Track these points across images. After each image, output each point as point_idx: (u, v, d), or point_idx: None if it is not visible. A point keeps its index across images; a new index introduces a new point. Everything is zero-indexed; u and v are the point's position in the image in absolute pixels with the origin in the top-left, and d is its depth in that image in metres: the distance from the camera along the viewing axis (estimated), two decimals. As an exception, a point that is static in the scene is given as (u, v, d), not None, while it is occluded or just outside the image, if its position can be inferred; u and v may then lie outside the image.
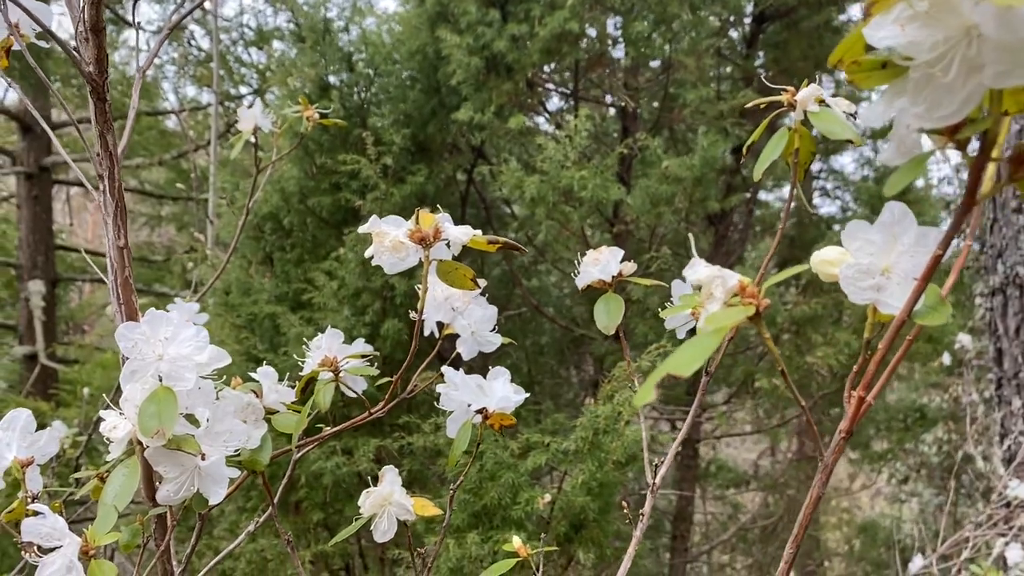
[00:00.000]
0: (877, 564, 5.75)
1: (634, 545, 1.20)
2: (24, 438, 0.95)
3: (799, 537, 0.61)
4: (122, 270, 1.03)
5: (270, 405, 1.10)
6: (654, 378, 0.54)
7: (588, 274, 1.24)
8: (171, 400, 0.92)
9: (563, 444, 2.26)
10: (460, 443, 1.07)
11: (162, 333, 0.95)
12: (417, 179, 2.99)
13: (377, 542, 1.09)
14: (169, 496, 0.95)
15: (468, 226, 1.00)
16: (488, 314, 1.29)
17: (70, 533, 0.84)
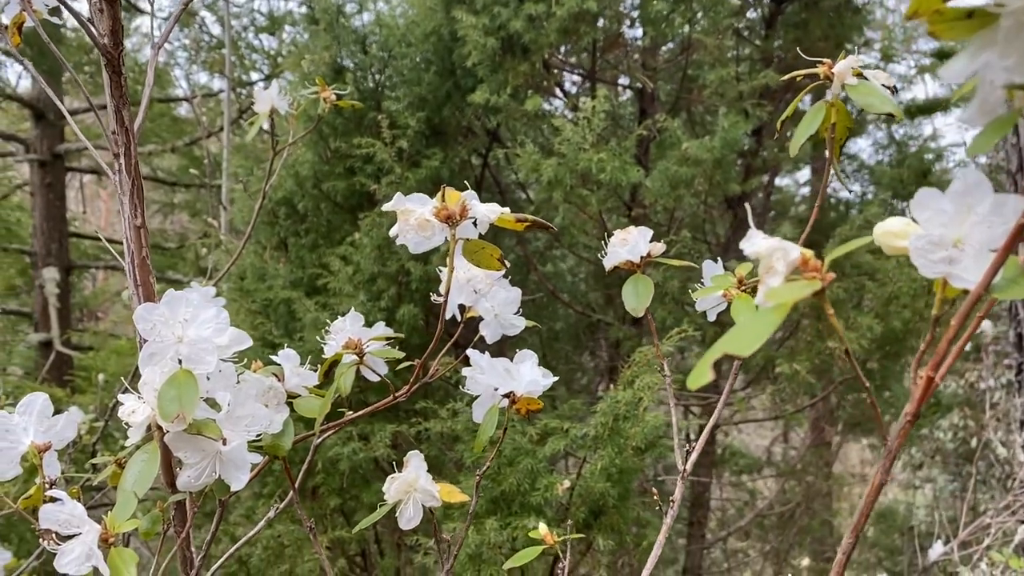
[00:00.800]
0: (890, 550, 5.71)
1: (664, 532, 1.17)
2: (41, 423, 0.93)
3: (858, 527, 0.58)
4: (139, 250, 1.01)
5: (292, 389, 1.08)
6: (711, 357, 0.51)
7: (616, 255, 1.21)
8: (191, 384, 0.89)
9: (582, 430, 2.23)
10: (487, 428, 1.04)
11: (181, 314, 0.92)
12: (432, 163, 2.96)
13: (403, 529, 1.06)
14: (190, 482, 0.92)
15: (495, 204, 0.96)
16: (512, 296, 1.26)
17: (89, 520, 0.81)
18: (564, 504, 2.33)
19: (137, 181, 0.95)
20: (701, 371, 0.49)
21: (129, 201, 0.95)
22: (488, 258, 0.99)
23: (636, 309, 1.15)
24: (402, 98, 3.02)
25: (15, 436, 0.90)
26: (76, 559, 0.82)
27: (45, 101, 6.54)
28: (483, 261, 0.99)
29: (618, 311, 3.57)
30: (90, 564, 0.81)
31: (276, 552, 2.76)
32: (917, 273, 2.66)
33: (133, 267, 1.15)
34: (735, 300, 1.11)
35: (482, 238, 1.00)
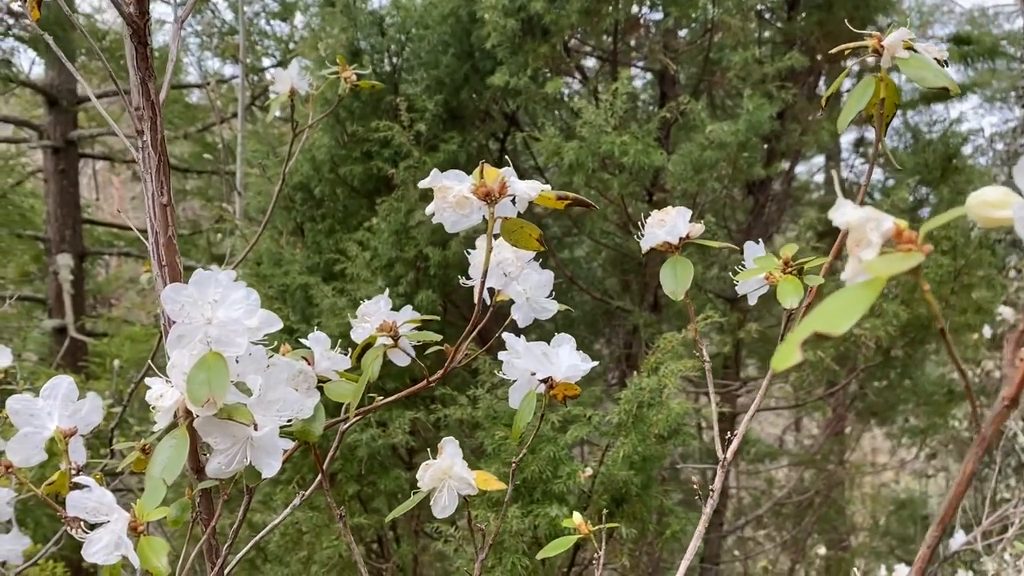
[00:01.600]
0: (903, 539, 5.67)
1: (704, 522, 1.14)
2: (66, 407, 0.90)
3: (946, 519, 0.54)
4: (165, 229, 0.97)
5: (321, 373, 1.05)
6: (800, 336, 0.47)
7: (653, 236, 1.17)
8: (222, 367, 0.86)
9: (606, 417, 2.20)
10: (524, 414, 1.00)
11: (210, 295, 0.89)
12: (450, 147, 2.92)
13: (437, 517, 1.03)
14: (220, 469, 0.89)
15: (535, 181, 0.93)
16: (544, 279, 1.22)
17: (118, 508, 0.78)
18: (586, 492, 2.29)
19: (163, 157, 0.92)
20: (788, 351, 0.46)
21: (155, 178, 0.92)
22: (527, 238, 0.95)
23: (675, 292, 1.11)
24: (420, 81, 2.98)
25: (40, 421, 0.88)
26: (104, 548, 0.79)
27: (58, 87, 6.52)
28: (521, 241, 0.95)
29: (634, 297, 3.53)
30: (119, 553, 0.79)
31: (294, 539, 2.74)
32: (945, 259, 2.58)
33: (158, 247, 1.11)
34: (781, 282, 1.07)
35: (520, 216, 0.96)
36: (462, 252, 2.85)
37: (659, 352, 2.14)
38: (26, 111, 7.89)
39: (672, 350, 2.11)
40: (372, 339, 0.97)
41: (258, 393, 0.89)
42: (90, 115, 7.57)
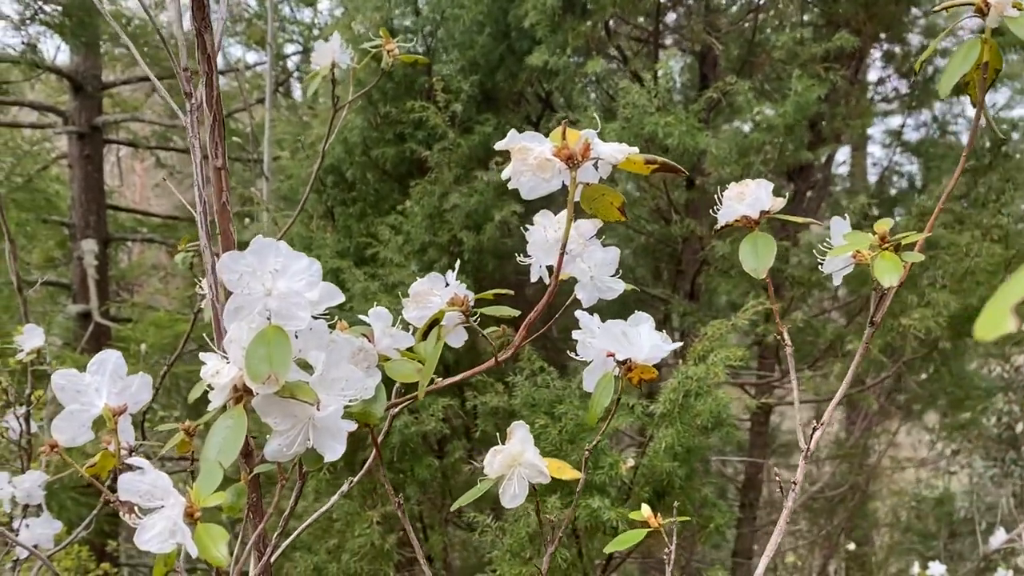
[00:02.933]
0: (924, 535, 5.57)
1: (784, 518, 1.06)
2: (115, 383, 0.84)
3: None
4: (219, 195, 0.91)
5: (382, 351, 0.98)
6: (1011, 298, 0.40)
7: (732, 210, 1.09)
8: (283, 341, 0.80)
9: (650, 406, 2.13)
10: (601, 398, 0.93)
11: (271, 264, 0.82)
12: (485, 129, 2.85)
13: (505, 507, 0.97)
14: (281, 451, 0.83)
15: (622, 143, 0.85)
16: (610, 257, 1.15)
17: (175, 492, 0.72)
18: (627, 484, 2.23)
19: (219, 115, 0.85)
20: (997, 316, 0.38)
21: (210, 139, 0.85)
22: (608, 206, 0.88)
23: (757, 270, 1.04)
24: (454, 62, 2.91)
25: (87, 398, 0.82)
26: (159, 535, 0.73)
27: (83, 73, 6.50)
28: (602, 209, 0.88)
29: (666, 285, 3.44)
30: (174, 541, 0.73)
31: (324, 526, 2.70)
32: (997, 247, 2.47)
33: (206, 217, 1.05)
34: (879, 258, 0.99)
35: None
36: (497, 237, 2.78)
37: (706, 340, 2.06)
38: (51, 97, 7.89)
39: (720, 338, 2.03)
40: (440, 315, 0.90)
41: (320, 371, 0.82)
42: (115, 101, 7.55)
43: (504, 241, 2.82)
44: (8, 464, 2.40)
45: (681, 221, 2.68)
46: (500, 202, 2.75)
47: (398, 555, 2.77)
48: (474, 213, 2.72)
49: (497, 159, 2.69)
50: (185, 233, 7.40)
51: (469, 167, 2.84)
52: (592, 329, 0.94)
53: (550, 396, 2.21)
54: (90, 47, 6.41)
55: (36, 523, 1.90)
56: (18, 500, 1.80)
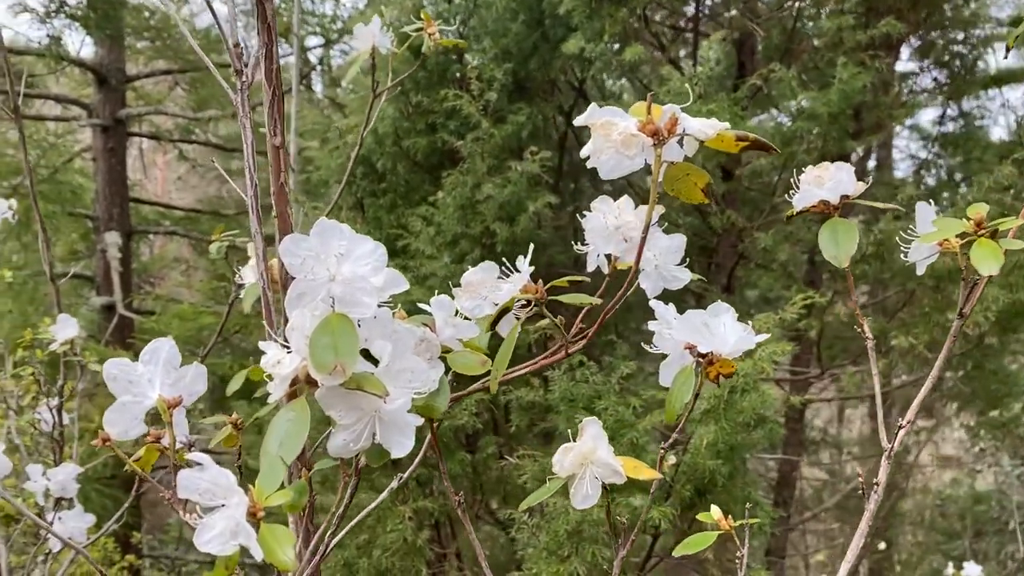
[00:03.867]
0: (948, 534, 5.48)
1: (867, 519, 1.00)
2: (168, 373, 0.79)
3: None
4: (276, 175, 0.86)
5: (444, 342, 0.93)
6: None
7: (809, 195, 1.03)
8: (349, 330, 0.74)
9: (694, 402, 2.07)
10: (680, 393, 0.87)
11: (334, 248, 0.77)
12: (518, 118, 2.79)
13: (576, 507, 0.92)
14: (346, 447, 0.78)
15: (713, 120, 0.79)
16: (675, 244, 1.09)
17: (239, 490, 0.67)
18: (668, 481, 2.17)
19: (277, 90, 0.80)
20: None
21: (269, 115, 0.80)
22: (692, 187, 0.82)
23: (838, 258, 0.98)
24: (487, 50, 2.85)
25: (140, 389, 0.77)
26: (219, 535, 0.68)
27: (107, 66, 6.50)
28: (685, 190, 0.83)
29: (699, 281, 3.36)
30: (235, 543, 0.68)
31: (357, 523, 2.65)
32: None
33: (256, 201, 1.01)
34: (977, 246, 0.93)
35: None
36: (531, 228, 2.72)
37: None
38: (75, 90, 7.90)
39: (769, 331, 1.97)
40: (509, 304, 0.85)
41: (386, 362, 0.77)
42: (138, 94, 7.55)
43: (538, 232, 2.76)
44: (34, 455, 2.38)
45: (721, 213, 2.61)
46: (534, 193, 2.69)
47: (429, 550, 2.73)
48: (507, 204, 2.66)
49: (532, 148, 2.63)
50: (208, 225, 7.40)
51: (502, 157, 2.78)
52: (669, 320, 0.88)
53: (589, 391, 2.15)
54: (114, 40, 6.41)
55: (69, 516, 1.87)
56: (52, 493, 1.77)
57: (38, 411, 1.98)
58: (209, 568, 2.35)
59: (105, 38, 6.20)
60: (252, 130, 0.99)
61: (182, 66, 6.85)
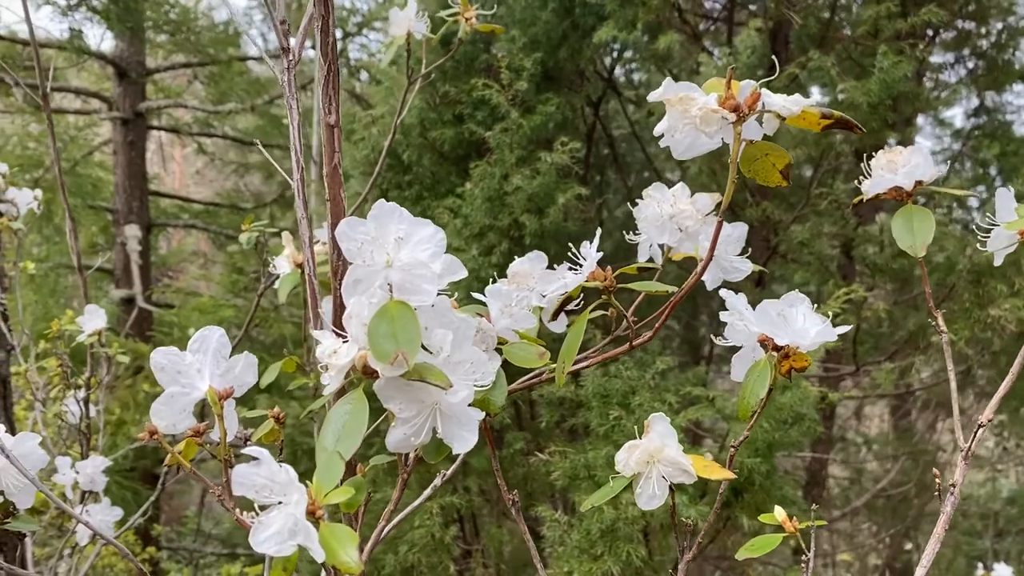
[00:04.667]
0: (969, 534, 5.39)
1: (943, 523, 0.95)
2: (218, 363, 0.75)
3: None
4: (330, 156, 0.82)
5: (499, 333, 0.89)
6: None
7: (882, 181, 0.98)
8: (409, 317, 0.70)
9: (731, 399, 2.02)
10: (755, 388, 0.82)
11: (393, 232, 0.73)
12: (547, 108, 2.74)
13: (642, 508, 0.87)
14: (406, 441, 0.74)
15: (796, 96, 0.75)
16: (737, 233, 1.04)
17: (299, 486, 0.63)
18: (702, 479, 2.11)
19: (334, 65, 0.76)
20: None
21: (324, 92, 0.76)
22: (770, 169, 0.77)
23: (915, 247, 0.93)
24: (516, 39, 2.80)
25: (188, 379, 0.73)
26: (276, 535, 0.64)
27: (128, 59, 6.50)
28: (762, 172, 0.78)
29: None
30: (294, 543, 0.64)
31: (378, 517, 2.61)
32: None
33: (302, 185, 0.97)
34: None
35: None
36: (560, 221, 2.67)
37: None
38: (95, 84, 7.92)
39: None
40: (575, 293, 0.80)
41: (447, 352, 0.73)
42: (158, 87, 7.56)
43: (565, 225, 2.72)
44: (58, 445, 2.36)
45: (757, 205, 2.55)
46: (563, 185, 2.64)
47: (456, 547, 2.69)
48: (536, 196, 2.62)
49: (563, 139, 2.58)
50: (226, 219, 7.40)
51: (530, 148, 2.73)
52: (741, 311, 0.84)
53: (623, 387, 2.10)
54: (135, 33, 6.40)
55: (96, 510, 1.85)
56: (81, 486, 1.74)
57: (65, 403, 1.95)
58: (228, 561, 2.34)
59: (126, 31, 6.19)
60: (299, 111, 0.95)
61: (201, 60, 6.84)
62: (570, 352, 0.73)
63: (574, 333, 0.73)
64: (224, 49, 6.73)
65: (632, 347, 0.81)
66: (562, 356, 0.74)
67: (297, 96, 0.95)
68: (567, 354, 0.73)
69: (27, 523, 0.99)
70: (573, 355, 0.73)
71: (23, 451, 0.91)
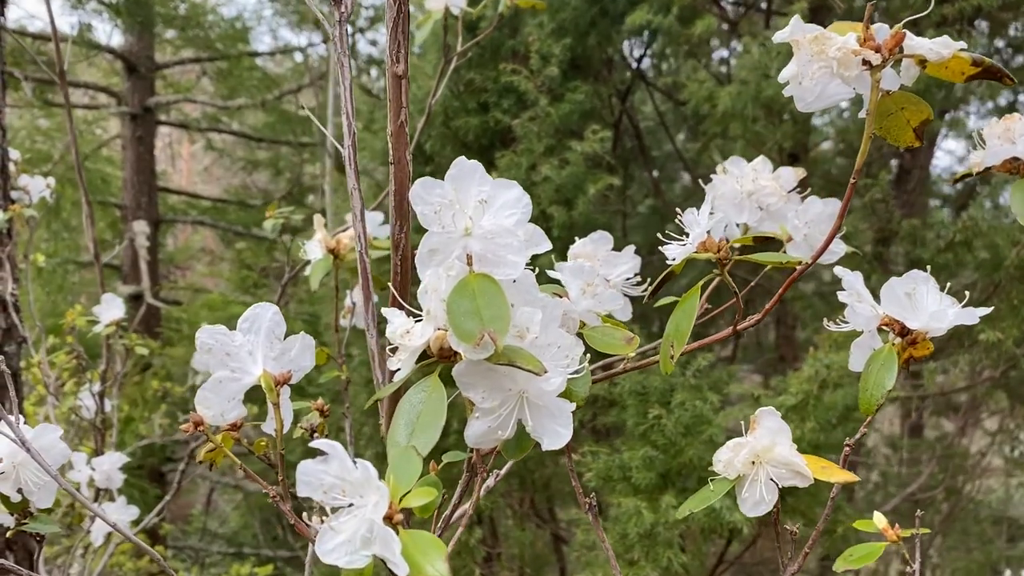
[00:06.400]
0: (981, 539, 5.28)
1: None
2: (271, 345, 0.65)
3: None
4: (396, 112, 0.73)
5: (580, 315, 0.80)
6: None
7: (998, 151, 0.88)
8: (495, 292, 0.60)
9: (778, 398, 1.92)
10: (879, 379, 0.72)
11: (474, 195, 0.64)
12: (576, 96, 2.64)
13: (747, 515, 0.77)
14: (489, 435, 0.64)
15: (945, 37, 0.65)
16: (828, 211, 0.95)
17: (380, 485, 0.54)
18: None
19: (404, 7, 0.66)
20: None
21: (392, 38, 0.67)
22: (903, 126, 0.68)
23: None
24: (544, 25, 2.70)
25: (239, 363, 0.63)
26: (347, 543, 0.54)
27: (137, 54, 6.43)
28: (894, 129, 0.68)
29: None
30: (368, 553, 0.54)
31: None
32: None
33: (352, 152, 0.87)
34: None
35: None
36: (589, 212, 2.58)
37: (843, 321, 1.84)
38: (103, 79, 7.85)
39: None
40: (678, 268, 0.71)
41: (535, 334, 0.64)
42: (167, 82, 7.49)
43: (596, 217, 2.62)
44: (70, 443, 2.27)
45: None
46: (593, 175, 2.55)
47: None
48: (565, 186, 2.52)
49: (594, 127, 2.48)
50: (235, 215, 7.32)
51: (558, 137, 2.64)
52: (859, 291, 0.74)
53: (661, 384, 2.00)
54: (144, 27, 6.34)
55: (112, 508, 1.76)
56: (96, 483, 1.65)
57: (80, 397, 1.86)
58: (237, 561, 2.19)
59: (135, 25, 6.13)
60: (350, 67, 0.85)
61: (210, 55, 6.77)
62: (681, 334, 0.63)
63: (685, 311, 0.64)
64: (234, 45, 6.67)
65: (736, 331, 0.72)
66: (670, 337, 0.65)
67: (349, 53, 0.86)
68: (677, 336, 0.63)
69: (46, 524, 0.90)
70: (685, 337, 0.63)
71: (44, 444, 0.82)
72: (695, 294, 0.64)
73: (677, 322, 0.64)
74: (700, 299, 0.65)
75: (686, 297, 0.64)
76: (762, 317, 0.71)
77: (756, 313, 0.73)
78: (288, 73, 7.72)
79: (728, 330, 0.72)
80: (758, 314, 0.70)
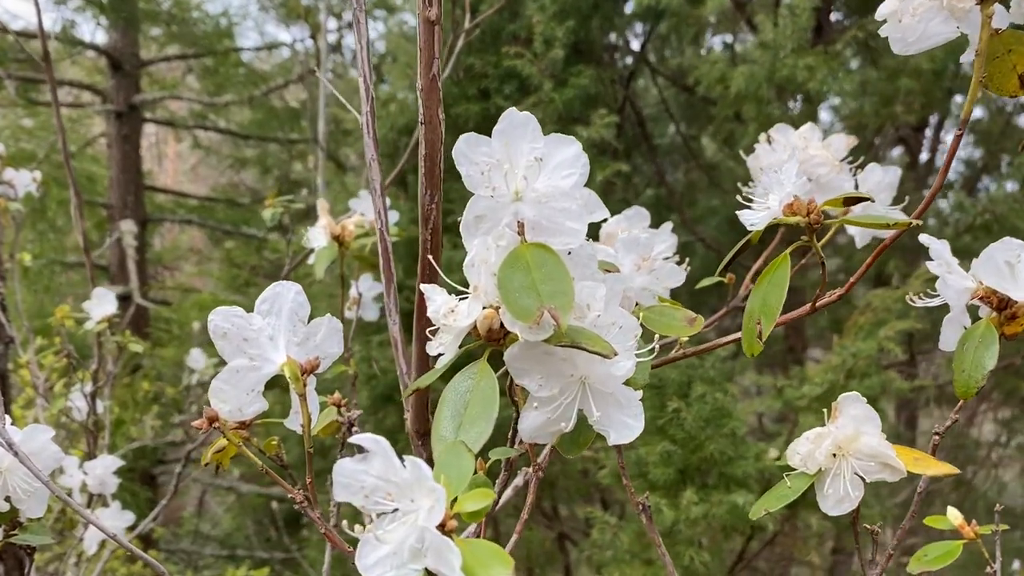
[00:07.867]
0: (988, 540, 5.25)
1: None
2: (295, 329, 0.57)
3: None
4: (428, 64, 0.64)
5: (633, 295, 0.72)
6: None
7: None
8: (554, 263, 0.52)
9: (801, 389, 1.84)
10: (977, 356, 0.64)
11: (526, 153, 0.56)
12: (581, 81, 2.56)
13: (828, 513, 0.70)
14: (547, 428, 0.56)
15: None
16: (889, 178, 0.87)
17: (434, 487, 0.46)
18: (766, 476, 1.94)
19: (440, -59, 0.58)
20: None
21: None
22: (1007, 72, 0.60)
23: None
24: (546, 8, 2.62)
25: (259, 349, 0.55)
26: (393, 556, 0.46)
27: (122, 51, 6.31)
28: (996, 76, 0.60)
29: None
30: (418, 566, 0.46)
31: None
32: None
33: (371, 118, 0.79)
34: None
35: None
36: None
37: (869, 311, 1.77)
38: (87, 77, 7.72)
39: (888, 309, 1.74)
40: (755, 236, 0.63)
41: (598, 312, 0.56)
42: (152, 80, 7.38)
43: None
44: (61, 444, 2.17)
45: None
46: (601, 161, 2.47)
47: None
48: (569, 175, 2.43)
49: (601, 111, 2.40)
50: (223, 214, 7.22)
51: (561, 124, 2.56)
52: (948, 260, 0.66)
53: (679, 377, 1.93)
54: (128, 24, 6.23)
55: (107, 514, 1.67)
56: (89, 488, 1.56)
57: (70, 398, 1.77)
58: (230, 563, 2.06)
59: (119, 22, 6.02)
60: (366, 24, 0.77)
61: (196, 51, 6.67)
62: (770, 309, 0.55)
63: (774, 283, 0.56)
64: (219, 41, 6.57)
65: (815, 308, 0.64)
66: (755, 314, 0.56)
67: (364, 8, 0.78)
68: (765, 312, 0.55)
69: (38, 534, 0.81)
70: (775, 314, 0.55)
71: (34, 448, 0.73)
72: (785, 262, 0.56)
73: (764, 295, 0.56)
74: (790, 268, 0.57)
75: (774, 265, 0.56)
76: (845, 291, 0.63)
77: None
78: (275, 69, 7.62)
79: (807, 307, 0.64)
80: (840, 289, 0.62)
